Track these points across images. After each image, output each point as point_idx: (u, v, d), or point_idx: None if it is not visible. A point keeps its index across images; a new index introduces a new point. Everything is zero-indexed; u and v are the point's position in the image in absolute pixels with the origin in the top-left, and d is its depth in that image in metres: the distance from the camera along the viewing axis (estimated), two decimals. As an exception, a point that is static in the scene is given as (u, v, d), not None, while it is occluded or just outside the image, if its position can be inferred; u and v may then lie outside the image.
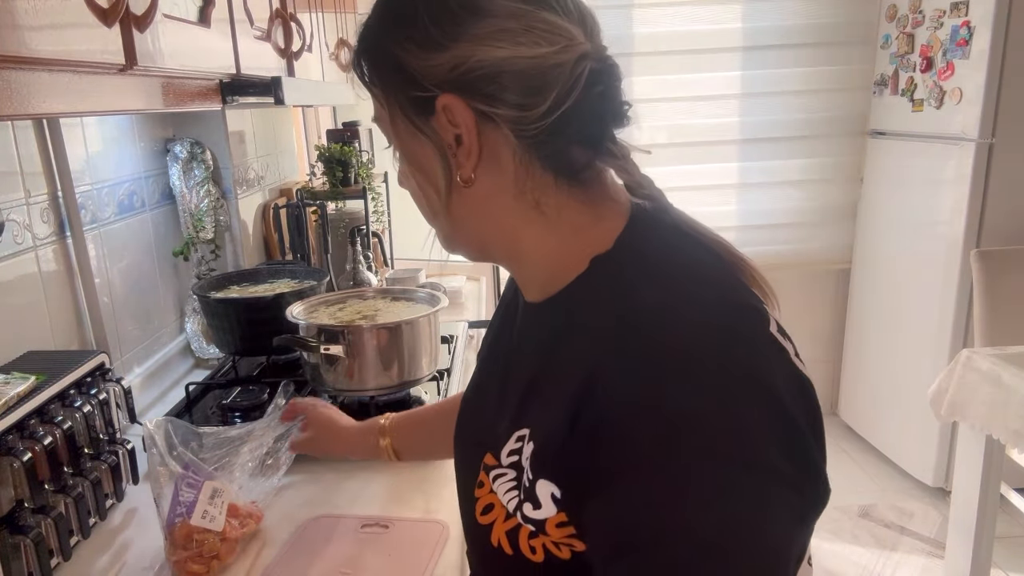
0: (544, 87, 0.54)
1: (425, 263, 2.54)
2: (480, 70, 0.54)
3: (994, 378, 1.84)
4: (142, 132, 1.62)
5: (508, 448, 0.59)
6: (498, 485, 0.59)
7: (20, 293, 1.19)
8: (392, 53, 0.56)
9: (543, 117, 0.54)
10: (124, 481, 1.15)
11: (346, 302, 1.45)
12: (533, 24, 0.54)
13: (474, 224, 0.61)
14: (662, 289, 0.54)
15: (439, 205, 0.60)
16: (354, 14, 2.18)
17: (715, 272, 0.57)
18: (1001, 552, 2.34)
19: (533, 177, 0.57)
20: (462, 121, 0.55)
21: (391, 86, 0.58)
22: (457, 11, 0.54)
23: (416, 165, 0.60)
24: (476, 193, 0.58)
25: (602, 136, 0.58)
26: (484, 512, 0.60)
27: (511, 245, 0.61)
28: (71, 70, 0.70)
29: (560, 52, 0.54)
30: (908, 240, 2.88)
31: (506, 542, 0.57)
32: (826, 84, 3.13)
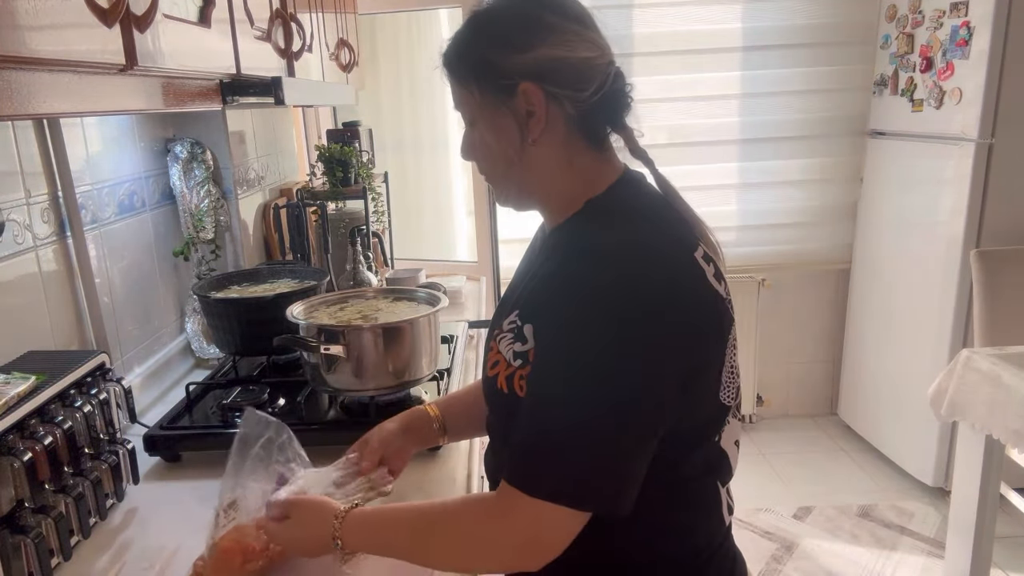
0: (590, 80, 0.82)
1: (425, 263, 2.54)
2: (551, 64, 0.81)
3: (994, 378, 1.84)
4: (142, 132, 1.62)
5: (508, 320, 0.85)
6: (503, 344, 0.84)
7: (20, 293, 1.19)
8: (485, 56, 0.83)
9: (588, 100, 0.82)
10: (124, 481, 1.15)
11: (346, 302, 1.45)
12: (584, 38, 0.83)
13: (531, 174, 0.86)
14: (621, 221, 0.82)
15: (515, 158, 0.85)
16: (354, 14, 2.18)
17: (665, 216, 0.85)
18: (1001, 552, 2.34)
19: (573, 142, 0.85)
20: (536, 100, 0.81)
21: (484, 78, 0.83)
22: (538, 28, 0.81)
23: (496, 133, 0.85)
24: (538, 151, 0.84)
25: (620, 116, 0.86)
26: (493, 366, 0.86)
27: (548, 190, 0.88)
28: (71, 70, 0.70)
29: (599, 58, 0.83)
30: (908, 240, 2.89)
31: (505, 385, 0.83)
32: (826, 84, 3.13)
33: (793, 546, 2.56)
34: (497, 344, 0.85)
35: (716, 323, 0.81)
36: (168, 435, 1.29)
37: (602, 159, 0.87)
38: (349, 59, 1.99)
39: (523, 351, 0.81)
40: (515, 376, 0.82)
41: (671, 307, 0.75)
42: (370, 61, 2.87)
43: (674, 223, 0.85)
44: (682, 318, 0.76)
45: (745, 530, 2.65)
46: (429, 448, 1.14)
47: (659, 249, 0.79)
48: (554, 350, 0.76)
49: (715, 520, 0.88)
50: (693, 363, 0.78)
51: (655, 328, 0.74)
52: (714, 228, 0.90)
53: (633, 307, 0.73)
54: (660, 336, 0.74)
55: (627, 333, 0.73)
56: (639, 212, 0.84)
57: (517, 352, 0.81)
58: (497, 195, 0.93)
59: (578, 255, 0.79)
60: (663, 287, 0.75)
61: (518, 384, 0.81)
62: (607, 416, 0.72)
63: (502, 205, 0.93)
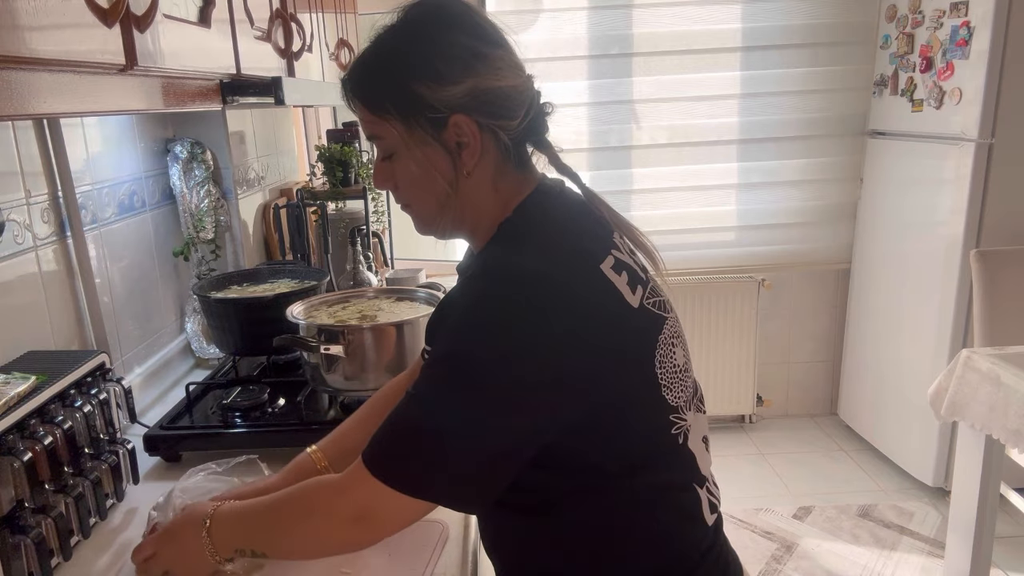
0: (520, 105, 0.82)
1: (425, 263, 2.54)
2: (483, 96, 0.79)
3: (994, 378, 1.84)
4: (142, 132, 1.62)
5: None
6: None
7: (20, 293, 1.19)
8: (412, 89, 0.79)
9: (518, 126, 0.82)
10: (124, 481, 1.15)
11: (346, 302, 1.45)
12: (510, 63, 0.82)
13: (465, 204, 0.85)
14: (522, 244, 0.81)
15: (449, 191, 0.83)
16: (354, 14, 2.18)
17: (573, 228, 0.84)
18: (1001, 552, 2.34)
19: (500, 166, 0.84)
20: (468, 131, 0.80)
21: (410, 112, 0.80)
22: (467, 58, 0.79)
23: (425, 167, 0.82)
24: (469, 182, 0.83)
25: (542, 135, 0.87)
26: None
27: (479, 217, 0.86)
28: (71, 70, 0.70)
29: (526, 81, 0.83)
30: (908, 240, 2.89)
31: None
32: (826, 84, 3.13)
33: (793, 546, 2.56)
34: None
35: (624, 343, 0.79)
36: (168, 435, 1.29)
37: (521, 177, 0.87)
38: (349, 59, 1.99)
39: None
40: None
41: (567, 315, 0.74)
42: (370, 61, 2.87)
43: (583, 235, 0.83)
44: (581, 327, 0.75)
45: (745, 530, 2.65)
46: None
47: (565, 260, 0.78)
48: (436, 362, 0.78)
49: (696, 523, 0.87)
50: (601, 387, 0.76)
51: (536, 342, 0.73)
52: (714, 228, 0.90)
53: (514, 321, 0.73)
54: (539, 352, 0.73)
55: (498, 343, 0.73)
56: (544, 231, 0.83)
57: None
58: (424, 228, 0.90)
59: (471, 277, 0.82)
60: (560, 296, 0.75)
61: None
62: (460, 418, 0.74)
63: (426, 234, 0.91)
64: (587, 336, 0.75)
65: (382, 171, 0.86)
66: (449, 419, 0.74)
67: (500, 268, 0.79)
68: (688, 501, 0.86)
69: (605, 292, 0.78)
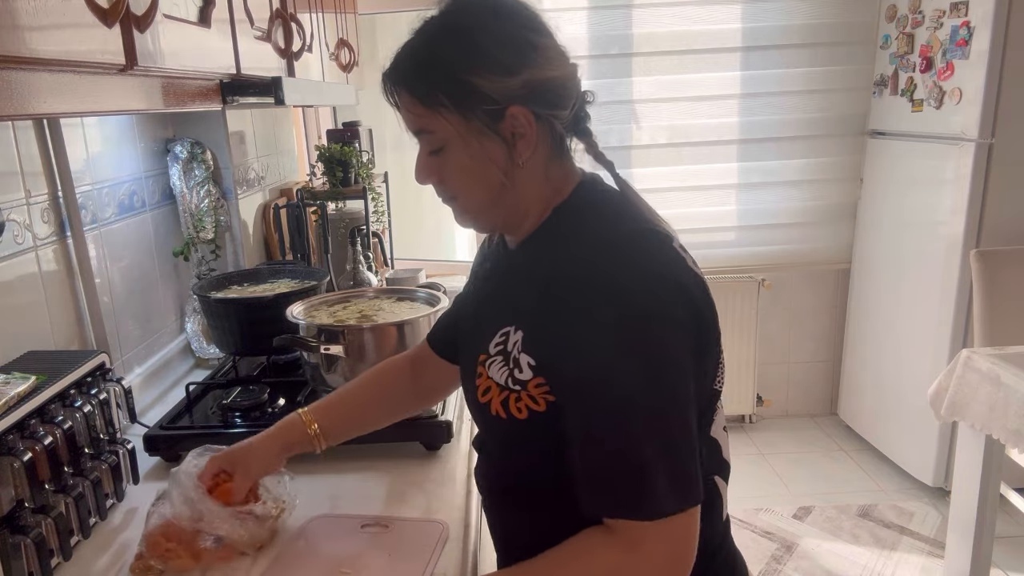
0: (571, 95, 0.82)
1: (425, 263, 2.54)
2: (539, 86, 0.79)
3: (994, 378, 1.84)
4: (142, 132, 1.62)
5: (493, 343, 0.83)
6: (491, 369, 0.83)
7: (20, 293, 1.19)
8: (469, 81, 0.77)
9: (568, 115, 0.82)
10: (124, 481, 1.15)
11: (346, 302, 1.45)
12: (560, 52, 0.82)
13: (518, 195, 0.84)
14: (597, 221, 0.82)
15: (505, 184, 0.82)
16: (354, 14, 2.18)
17: (632, 210, 0.84)
18: (1001, 552, 2.34)
19: (552, 156, 0.84)
20: (525, 121, 0.79)
21: (467, 104, 0.78)
22: (523, 48, 0.78)
23: (480, 159, 0.81)
24: (522, 172, 0.82)
25: (584, 123, 0.86)
26: (484, 393, 0.84)
27: (526, 207, 0.85)
28: (71, 70, 0.70)
29: (574, 69, 0.83)
30: (908, 240, 2.88)
31: (501, 410, 0.82)
32: (826, 84, 3.13)
33: (793, 546, 2.56)
34: (486, 369, 0.84)
35: (710, 309, 0.81)
36: (168, 435, 1.29)
37: (569, 167, 0.87)
38: (349, 59, 1.99)
39: (523, 379, 0.79)
40: (510, 400, 0.81)
41: (674, 289, 0.75)
42: (370, 61, 2.87)
43: (648, 216, 0.84)
44: (688, 305, 0.76)
45: (745, 530, 2.65)
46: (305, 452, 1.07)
47: (645, 239, 0.79)
48: (588, 378, 0.74)
49: (716, 513, 0.88)
50: (695, 345, 0.77)
51: (667, 317, 0.74)
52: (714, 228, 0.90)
53: (642, 303, 0.73)
54: (674, 324, 0.74)
55: (646, 330, 0.73)
56: (610, 209, 0.84)
57: (517, 379, 0.80)
58: (471, 220, 0.88)
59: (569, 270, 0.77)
60: (662, 273, 0.76)
61: (515, 408, 0.80)
62: (668, 414, 0.73)
63: (470, 227, 0.89)
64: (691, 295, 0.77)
65: (428, 165, 0.84)
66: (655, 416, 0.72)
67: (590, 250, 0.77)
68: (712, 490, 0.86)
69: (687, 264, 0.80)
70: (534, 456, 0.83)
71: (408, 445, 1.29)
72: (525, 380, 0.79)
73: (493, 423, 0.84)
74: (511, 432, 0.82)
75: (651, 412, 0.72)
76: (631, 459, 0.72)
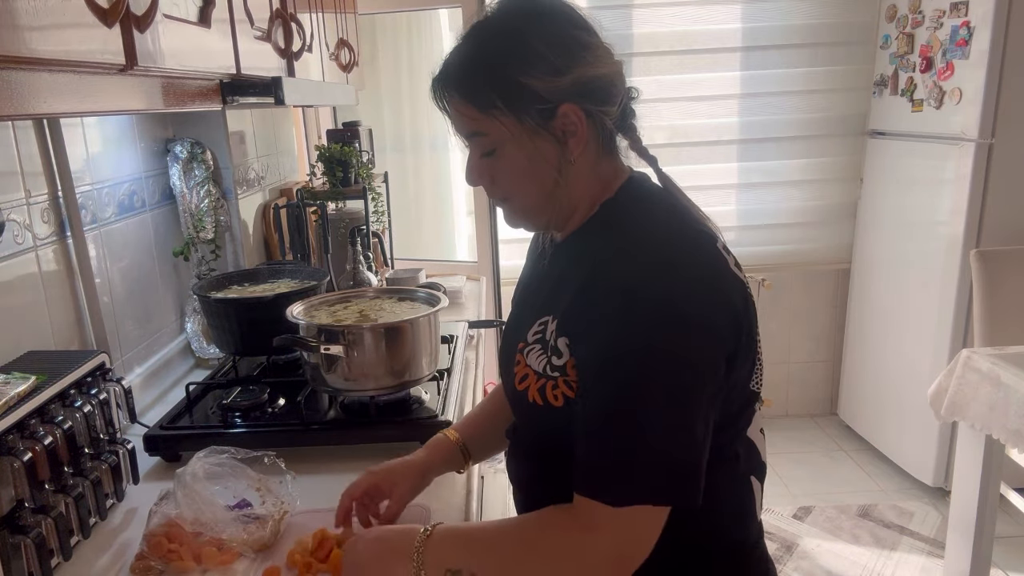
0: (619, 91, 0.83)
1: (425, 263, 2.54)
2: (589, 83, 0.80)
3: (994, 378, 1.84)
4: (142, 132, 1.62)
5: (531, 331, 0.85)
6: (530, 357, 0.84)
7: (20, 293, 1.19)
8: (522, 82, 0.78)
9: (616, 112, 0.83)
10: (124, 481, 1.15)
11: (346, 302, 1.45)
12: (606, 50, 0.83)
13: (570, 192, 0.84)
14: (644, 218, 0.83)
15: (559, 181, 0.82)
16: (354, 14, 2.18)
17: (679, 208, 0.84)
18: (1001, 552, 2.34)
19: (601, 152, 0.85)
20: (576, 119, 0.80)
21: (521, 106, 0.79)
22: (572, 47, 0.80)
23: (534, 159, 0.81)
24: (573, 169, 0.83)
25: (628, 120, 0.87)
26: (521, 381, 0.85)
27: (576, 203, 0.86)
28: (71, 70, 0.70)
29: (620, 66, 0.84)
30: (908, 240, 2.88)
31: (538, 397, 0.82)
32: (826, 84, 3.13)
33: (793, 546, 2.56)
34: (524, 357, 0.85)
35: (749, 313, 0.81)
36: (168, 435, 1.29)
37: (617, 162, 0.88)
38: (349, 59, 1.99)
39: (560, 364, 0.80)
40: (547, 388, 0.81)
41: (715, 294, 0.76)
42: (370, 61, 2.87)
43: (691, 214, 0.85)
44: (727, 310, 0.77)
45: (745, 530, 2.65)
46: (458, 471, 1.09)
47: (691, 239, 0.80)
48: (609, 360, 0.75)
49: (751, 515, 0.88)
50: (731, 350, 0.78)
51: (702, 322, 0.74)
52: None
53: (679, 304, 0.73)
54: (708, 329, 0.75)
55: (677, 330, 0.73)
56: (658, 207, 0.84)
57: (555, 365, 0.81)
58: (524, 219, 0.88)
59: (612, 260, 0.78)
60: (704, 276, 0.77)
61: (552, 395, 0.81)
62: (670, 415, 0.73)
63: (521, 227, 0.89)
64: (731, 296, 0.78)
65: (480, 167, 0.85)
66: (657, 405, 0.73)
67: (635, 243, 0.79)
68: (749, 490, 0.87)
69: (728, 264, 0.81)
70: (568, 444, 0.82)
71: (408, 445, 1.28)
72: (562, 364, 0.80)
73: (530, 411, 0.84)
74: (547, 420, 0.82)
75: (664, 407, 0.73)
76: (617, 444, 0.73)
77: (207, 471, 1.03)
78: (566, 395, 0.80)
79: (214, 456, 1.05)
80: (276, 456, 1.11)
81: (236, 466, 1.06)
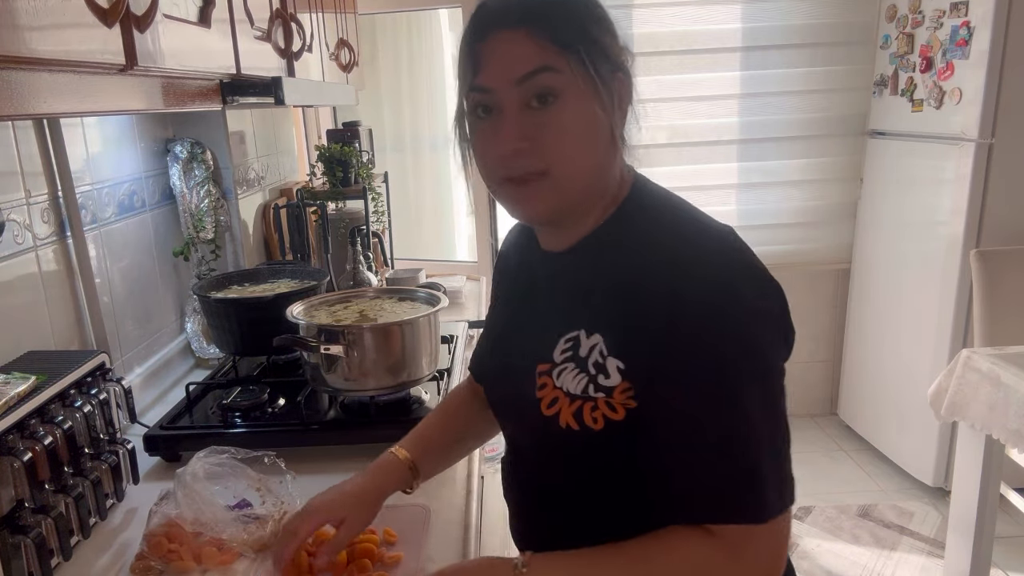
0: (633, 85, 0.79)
1: (425, 263, 2.54)
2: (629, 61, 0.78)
3: (994, 378, 1.84)
4: (142, 132, 1.62)
5: (558, 350, 0.78)
6: (561, 378, 0.77)
7: (20, 293, 1.19)
8: (596, 33, 0.74)
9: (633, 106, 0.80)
10: (124, 481, 1.15)
11: (346, 302, 1.45)
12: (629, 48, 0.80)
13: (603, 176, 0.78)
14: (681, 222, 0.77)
15: (608, 155, 0.77)
16: (354, 14, 2.18)
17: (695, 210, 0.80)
18: (1001, 552, 2.34)
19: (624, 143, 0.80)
20: (626, 93, 0.77)
21: (592, 54, 0.73)
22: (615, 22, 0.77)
23: (589, 123, 0.74)
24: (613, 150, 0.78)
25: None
26: (550, 405, 0.78)
27: (598, 195, 0.79)
28: (71, 70, 0.70)
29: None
30: (908, 240, 2.88)
31: (572, 420, 0.76)
32: (826, 84, 3.13)
33: (793, 546, 2.56)
34: (552, 378, 0.78)
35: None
36: (168, 435, 1.29)
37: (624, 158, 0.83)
38: (349, 59, 1.99)
39: (609, 385, 0.73)
40: (585, 410, 0.75)
41: (777, 285, 0.74)
42: (370, 61, 2.87)
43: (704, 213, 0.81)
44: (779, 299, 0.75)
45: (745, 530, 2.64)
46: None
47: (733, 237, 0.76)
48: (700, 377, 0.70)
49: None
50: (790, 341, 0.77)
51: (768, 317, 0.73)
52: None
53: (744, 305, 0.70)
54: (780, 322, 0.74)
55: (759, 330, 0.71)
56: (681, 206, 0.80)
57: (601, 386, 0.74)
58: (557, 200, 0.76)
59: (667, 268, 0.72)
60: (763, 271, 0.74)
61: (590, 417, 0.75)
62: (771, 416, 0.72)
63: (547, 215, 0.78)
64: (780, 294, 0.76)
65: (522, 123, 0.73)
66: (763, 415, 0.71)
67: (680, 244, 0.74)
68: None
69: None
70: (599, 466, 0.78)
71: (408, 445, 1.29)
72: (611, 386, 0.74)
73: (560, 436, 0.77)
74: (581, 444, 0.76)
75: (759, 412, 0.70)
76: (741, 462, 0.70)
77: (207, 471, 1.03)
78: (607, 417, 0.74)
79: (214, 456, 1.05)
80: (276, 456, 1.11)
81: (236, 466, 1.06)
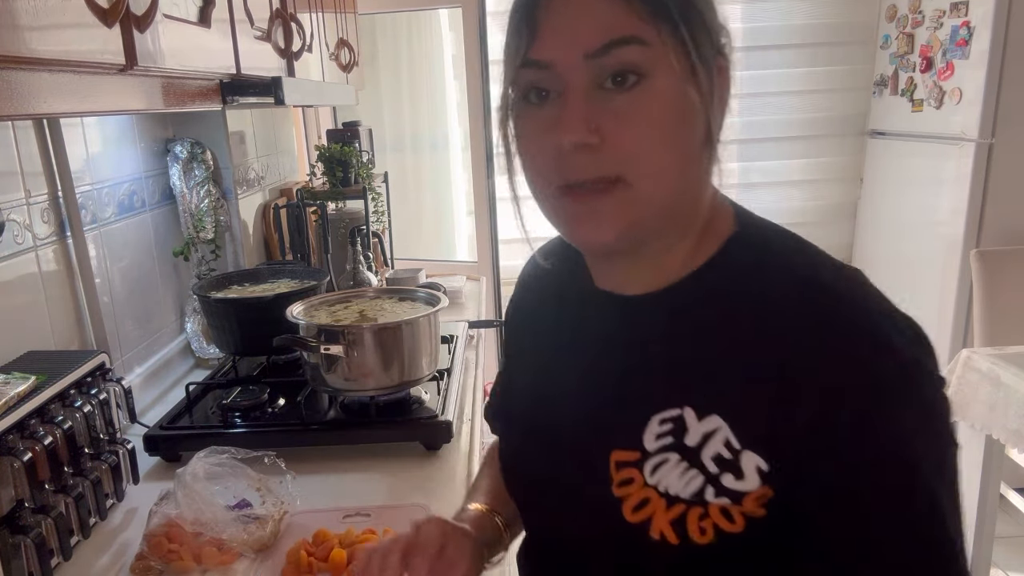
0: None
1: (425, 263, 2.54)
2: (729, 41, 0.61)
3: (994, 378, 1.84)
4: (142, 132, 1.62)
5: (652, 433, 0.59)
6: (660, 474, 0.58)
7: (20, 293, 1.19)
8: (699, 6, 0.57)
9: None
10: (124, 481, 1.15)
11: (346, 302, 1.45)
12: None
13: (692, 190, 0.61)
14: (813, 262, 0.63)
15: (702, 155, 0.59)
16: (354, 14, 2.18)
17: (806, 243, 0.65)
18: (1001, 552, 2.34)
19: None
20: (726, 84, 0.60)
21: (691, 27, 0.56)
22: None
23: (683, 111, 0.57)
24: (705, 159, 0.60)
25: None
26: (637, 509, 0.59)
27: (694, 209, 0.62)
28: (71, 70, 0.70)
29: None
30: (908, 240, 2.88)
31: (671, 532, 0.57)
32: (826, 84, 3.13)
33: (793, 546, 2.55)
34: (643, 474, 0.59)
35: None
36: (168, 435, 1.29)
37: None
38: (349, 59, 1.99)
39: (740, 489, 0.55)
40: (690, 517, 0.57)
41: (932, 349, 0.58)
42: (370, 61, 2.87)
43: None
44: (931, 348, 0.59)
45: (745, 530, 2.64)
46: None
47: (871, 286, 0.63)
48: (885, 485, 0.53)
49: None
50: None
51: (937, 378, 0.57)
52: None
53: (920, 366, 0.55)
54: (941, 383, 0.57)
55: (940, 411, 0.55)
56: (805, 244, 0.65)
57: (726, 488, 0.55)
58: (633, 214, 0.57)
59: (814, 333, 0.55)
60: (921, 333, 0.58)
61: (698, 527, 0.56)
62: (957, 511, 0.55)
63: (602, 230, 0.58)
64: None
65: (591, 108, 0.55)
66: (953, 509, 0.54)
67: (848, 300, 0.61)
68: None
69: None
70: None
71: (408, 445, 1.29)
72: (743, 491, 0.55)
73: (646, 549, 0.58)
74: (677, 560, 0.58)
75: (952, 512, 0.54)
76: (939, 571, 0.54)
77: (207, 471, 1.03)
78: (719, 527, 0.56)
79: (214, 456, 1.05)
80: (276, 456, 1.11)
81: (236, 466, 1.06)
